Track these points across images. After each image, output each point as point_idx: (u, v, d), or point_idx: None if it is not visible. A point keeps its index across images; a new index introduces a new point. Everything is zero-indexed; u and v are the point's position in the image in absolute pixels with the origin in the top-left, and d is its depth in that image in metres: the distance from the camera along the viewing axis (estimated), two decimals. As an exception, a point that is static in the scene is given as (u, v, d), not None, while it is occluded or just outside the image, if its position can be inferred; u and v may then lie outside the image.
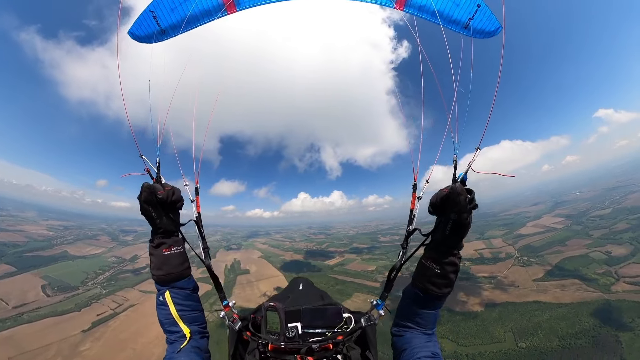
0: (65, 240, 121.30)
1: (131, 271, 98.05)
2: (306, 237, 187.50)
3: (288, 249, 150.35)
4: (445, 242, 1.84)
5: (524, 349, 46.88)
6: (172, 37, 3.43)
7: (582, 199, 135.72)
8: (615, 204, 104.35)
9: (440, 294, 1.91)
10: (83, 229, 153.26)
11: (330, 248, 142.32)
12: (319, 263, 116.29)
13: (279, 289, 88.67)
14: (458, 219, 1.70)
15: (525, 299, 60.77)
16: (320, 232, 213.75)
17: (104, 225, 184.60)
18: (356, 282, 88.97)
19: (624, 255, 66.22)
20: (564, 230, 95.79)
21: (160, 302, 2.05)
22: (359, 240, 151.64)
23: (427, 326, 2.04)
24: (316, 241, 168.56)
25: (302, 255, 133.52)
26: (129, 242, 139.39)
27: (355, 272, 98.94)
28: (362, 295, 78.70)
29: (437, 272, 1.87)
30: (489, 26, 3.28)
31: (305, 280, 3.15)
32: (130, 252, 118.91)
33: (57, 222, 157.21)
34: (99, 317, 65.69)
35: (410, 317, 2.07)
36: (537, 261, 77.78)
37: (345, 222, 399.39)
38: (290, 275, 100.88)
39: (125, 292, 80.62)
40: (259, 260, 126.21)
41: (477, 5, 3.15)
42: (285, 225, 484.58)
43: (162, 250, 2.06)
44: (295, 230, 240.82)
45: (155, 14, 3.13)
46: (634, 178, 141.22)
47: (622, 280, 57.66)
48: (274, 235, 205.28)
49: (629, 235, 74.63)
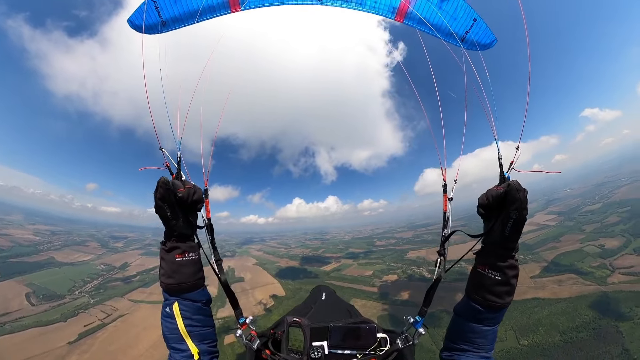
0: (52, 246, 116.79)
1: (121, 279, 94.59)
2: (302, 243, 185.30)
3: (283, 256, 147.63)
4: (504, 244, 1.69)
5: (526, 346, 46.30)
6: (172, 29, 3.32)
7: (573, 195, 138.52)
8: (605, 199, 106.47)
9: (504, 304, 1.75)
10: (71, 234, 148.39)
11: (326, 254, 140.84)
12: (315, 269, 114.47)
13: (275, 296, 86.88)
14: (519, 217, 1.58)
15: (523, 297, 60.06)
16: (316, 238, 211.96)
17: (93, 230, 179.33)
18: (353, 288, 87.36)
19: (617, 247, 67.18)
20: (557, 226, 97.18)
21: (166, 313, 1.84)
22: (355, 245, 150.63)
23: (486, 346, 1.84)
24: (312, 247, 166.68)
25: (298, 261, 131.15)
26: (119, 249, 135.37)
27: (353, 277, 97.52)
28: (360, 300, 77.57)
29: (498, 279, 1.71)
30: (485, 39, 3.45)
31: (327, 288, 2.89)
32: (121, 259, 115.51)
33: (44, 226, 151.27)
34: (87, 328, 62.59)
35: (467, 338, 1.84)
36: (533, 258, 78.16)
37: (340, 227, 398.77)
38: (287, 283, 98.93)
39: (115, 301, 77.41)
40: (254, 267, 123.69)
41: (474, 20, 3.31)
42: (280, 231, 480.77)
43: (175, 255, 1.83)
44: (291, 237, 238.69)
45: (157, 4, 3.06)
46: (621, 173, 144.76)
47: (617, 271, 58.21)
48: (269, 242, 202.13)
49: (620, 227, 76.06)
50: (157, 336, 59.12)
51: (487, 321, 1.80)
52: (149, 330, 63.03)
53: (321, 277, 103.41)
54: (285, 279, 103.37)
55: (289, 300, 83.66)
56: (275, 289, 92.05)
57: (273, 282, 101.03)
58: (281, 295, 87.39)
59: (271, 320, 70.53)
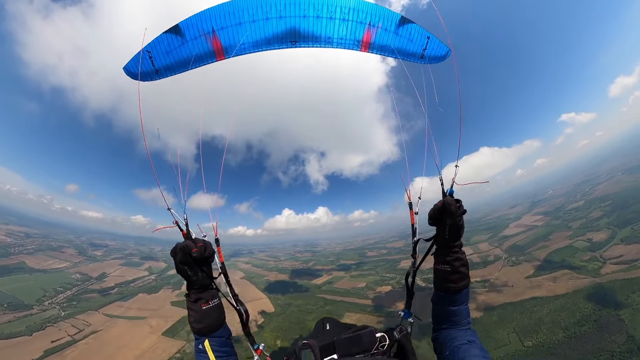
0: (24, 250, 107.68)
1: (98, 291, 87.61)
2: (291, 256, 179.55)
3: (272, 269, 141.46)
4: (446, 243, 2.18)
5: (531, 347, 45.01)
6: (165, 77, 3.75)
7: (556, 195, 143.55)
8: (587, 196, 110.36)
9: (460, 287, 2.17)
10: (47, 238, 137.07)
11: (317, 266, 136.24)
12: (306, 282, 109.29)
13: (263, 312, 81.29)
14: (453, 223, 2.08)
15: (521, 297, 59.78)
16: (306, 250, 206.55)
17: (71, 236, 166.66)
18: (347, 301, 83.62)
19: (605, 240, 68.43)
20: (545, 226, 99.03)
21: (200, 349, 2.16)
22: (346, 257, 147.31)
23: (461, 322, 2.22)
24: (302, 259, 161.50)
25: (288, 275, 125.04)
26: (98, 258, 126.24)
27: (345, 290, 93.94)
28: (354, 315, 74.11)
29: (449, 270, 2.16)
30: (440, 52, 4.07)
31: (330, 319, 2.98)
32: (99, 269, 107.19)
33: (18, 227, 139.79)
34: (54, 344, 55.81)
35: (445, 319, 2.26)
36: (526, 259, 78.79)
37: (331, 238, 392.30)
38: (276, 297, 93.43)
39: (88, 315, 70.49)
40: (241, 281, 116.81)
41: (427, 38, 3.92)
42: (270, 243, 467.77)
43: (201, 305, 2.16)
44: (280, 249, 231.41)
45: (152, 54, 3.46)
46: (598, 171, 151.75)
47: (609, 262, 58.75)
48: (258, 255, 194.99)
49: (605, 221, 78.12)
50: (134, 357, 52.38)
51: (454, 303, 2.22)
52: (124, 350, 56.91)
53: (312, 290, 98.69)
54: (274, 293, 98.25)
55: (278, 316, 78.54)
56: (264, 305, 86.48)
57: (261, 297, 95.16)
58: (270, 311, 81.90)
59: (263, 337, 65.48)
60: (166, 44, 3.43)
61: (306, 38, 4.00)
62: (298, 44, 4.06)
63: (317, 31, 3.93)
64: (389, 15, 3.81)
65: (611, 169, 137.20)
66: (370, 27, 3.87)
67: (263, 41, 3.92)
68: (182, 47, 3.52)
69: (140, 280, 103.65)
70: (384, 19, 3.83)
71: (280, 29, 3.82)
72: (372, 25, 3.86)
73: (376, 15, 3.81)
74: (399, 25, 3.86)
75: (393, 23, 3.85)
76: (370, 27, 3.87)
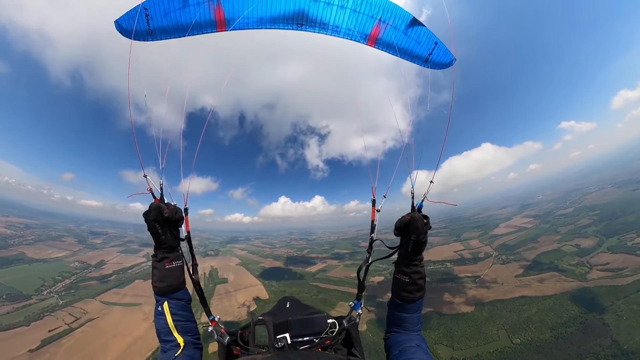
0: (24, 241, 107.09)
1: (97, 279, 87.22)
2: (287, 243, 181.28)
3: (268, 256, 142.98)
4: (408, 256, 2.23)
5: (519, 344, 46.91)
6: (157, 40, 3.48)
7: (546, 200, 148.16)
8: (576, 204, 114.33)
9: (414, 298, 2.26)
10: (47, 228, 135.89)
11: (311, 254, 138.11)
12: (300, 270, 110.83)
13: (257, 299, 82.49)
14: (417, 239, 2.14)
15: (511, 295, 62.03)
16: (301, 238, 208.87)
17: (71, 225, 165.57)
18: (340, 290, 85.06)
19: (592, 247, 71.53)
20: (534, 228, 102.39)
21: (158, 312, 2.17)
22: (340, 246, 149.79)
23: (411, 328, 2.31)
24: (297, 247, 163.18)
25: (283, 262, 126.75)
26: (97, 246, 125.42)
27: (338, 279, 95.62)
28: (346, 304, 75.48)
29: (407, 281, 2.24)
30: (445, 59, 3.95)
31: (292, 298, 3.23)
32: (97, 256, 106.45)
33: (18, 219, 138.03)
34: (51, 333, 55.89)
35: (397, 323, 2.35)
36: (515, 258, 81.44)
37: (326, 227, 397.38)
38: (271, 284, 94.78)
39: (85, 303, 70.52)
40: (237, 267, 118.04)
41: (435, 43, 3.80)
42: (266, 230, 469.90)
43: (165, 264, 2.21)
44: (276, 236, 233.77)
45: (149, 13, 3.16)
46: (588, 181, 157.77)
47: (595, 268, 61.73)
48: (254, 241, 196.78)
49: (593, 229, 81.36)
50: (127, 345, 52.69)
51: (407, 310, 2.30)
52: (118, 338, 56.90)
53: (307, 278, 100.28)
54: (269, 279, 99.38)
55: (272, 303, 79.65)
56: (259, 291, 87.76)
57: (256, 283, 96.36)
58: (264, 298, 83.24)
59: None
60: (166, 4, 3.19)
61: (313, 23, 3.90)
62: (304, 27, 3.92)
63: (325, 17, 3.83)
64: (401, 13, 3.70)
65: (601, 181, 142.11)
66: (381, 22, 3.79)
67: (268, 19, 3.77)
68: (183, 10, 3.30)
69: (138, 267, 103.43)
70: (395, 16, 3.73)
71: (288, 8, 3.69)
72: (382, 20, 3.78)
73: (388, 11, 3.71)
74: (409, 26, 3.78)
75: (404, 22, 3.76)
76: (380, 23, 3.79)
